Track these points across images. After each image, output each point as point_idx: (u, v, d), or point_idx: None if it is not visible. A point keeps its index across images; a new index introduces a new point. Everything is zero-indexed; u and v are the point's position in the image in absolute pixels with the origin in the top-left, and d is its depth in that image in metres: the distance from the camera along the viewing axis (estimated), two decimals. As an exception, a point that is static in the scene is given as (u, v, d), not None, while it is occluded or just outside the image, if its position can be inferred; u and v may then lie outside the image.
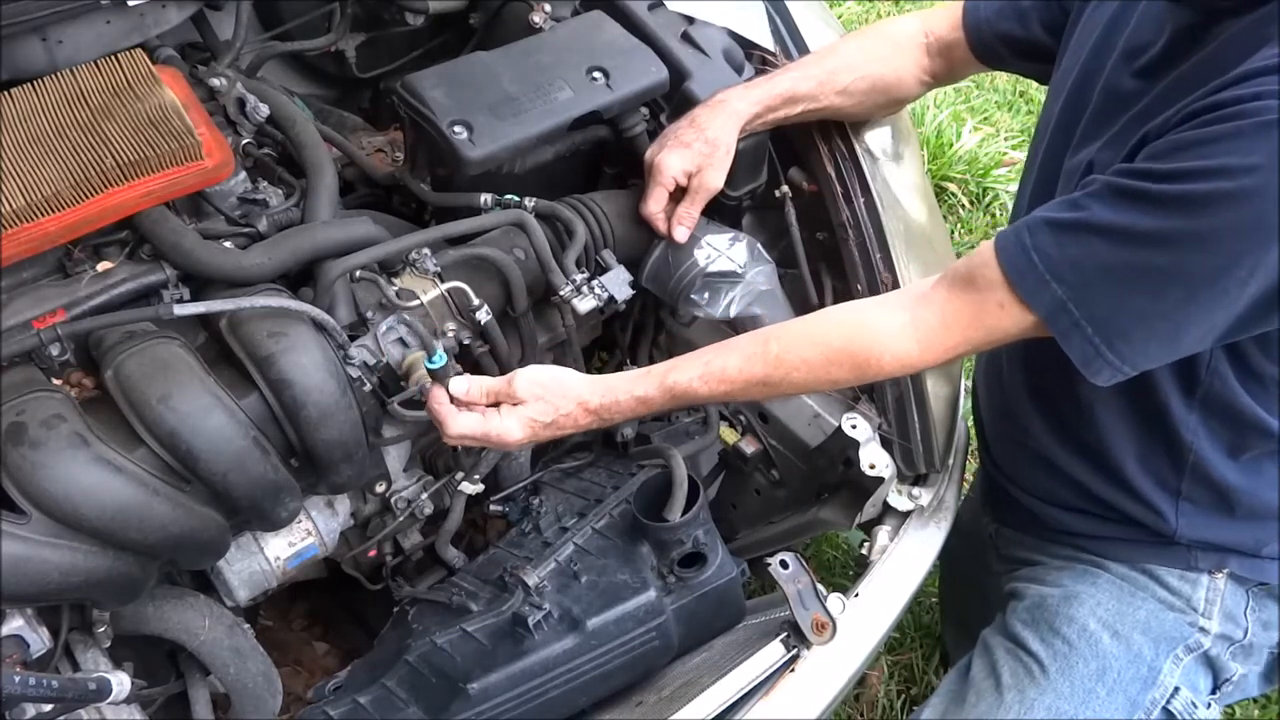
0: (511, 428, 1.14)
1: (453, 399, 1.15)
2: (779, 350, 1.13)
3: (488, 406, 1.16)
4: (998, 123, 3.42)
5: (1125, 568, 1.29)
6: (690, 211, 1.35)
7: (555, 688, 1.19)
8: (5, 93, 1.09)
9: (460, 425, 1.14)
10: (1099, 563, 1.31)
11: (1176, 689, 1.23)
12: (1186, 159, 0.94)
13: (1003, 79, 3.67)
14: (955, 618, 1.99)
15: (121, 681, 1.06)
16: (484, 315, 1.22)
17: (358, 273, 1.18)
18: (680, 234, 1.35)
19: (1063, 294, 1.00)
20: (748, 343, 1.16)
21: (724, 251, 1.40)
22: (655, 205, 1.35)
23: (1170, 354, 1.04)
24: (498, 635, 1.21)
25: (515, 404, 1.15)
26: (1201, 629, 1.25)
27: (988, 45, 1.41)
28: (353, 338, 1.15)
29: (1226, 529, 1.23)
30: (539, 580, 1.23)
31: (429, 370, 1.13)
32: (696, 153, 1.34)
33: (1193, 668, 1.24)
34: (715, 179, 1.35)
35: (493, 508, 1.47)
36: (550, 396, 1.14)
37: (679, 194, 1.37)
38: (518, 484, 1.47)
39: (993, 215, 3.10)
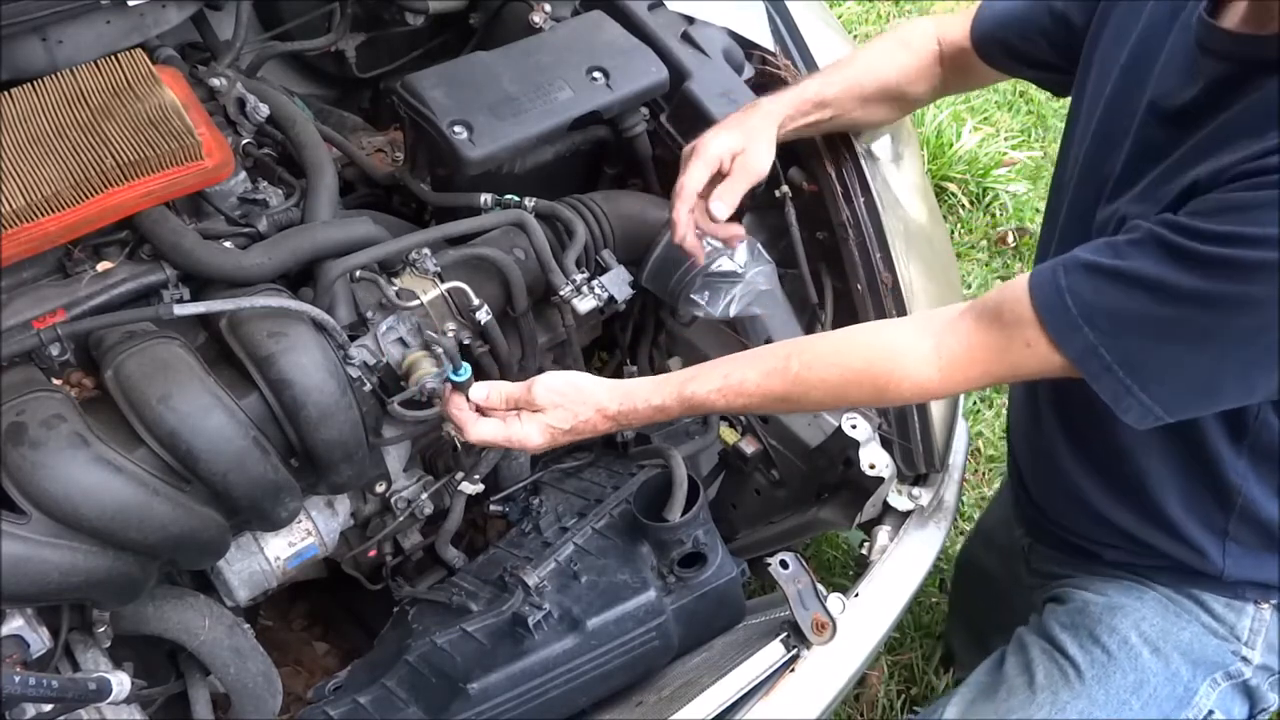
0: (531, 434, 1.14)
1: (474, 406, 1.15)
2: (799, 368, 1.12)
3: (507, 412, 1.16)
4: (998, 123, 3.42)
5: (1171, 590, 1.28)
6: (734, 189, 1.29)
7: (555, 688, 1.19)
8: (5, 93, 1.09)
9: (480, 431, 1.14)
10: (1145, 582, 1.30)
11: (1211, 712, 1.22)
12: (1236, 222, 0.92)
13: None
14: (966, 621, 1.99)
15: (121, 681, 1.06)
16: (484, 315, 1.22)
17: (358, 273, 1.18)
18: (719, 209, 1.29)
19: (1095, 339, 0.98)
20: (768, 357, 1.15)
21: (724, 251, 1.40)
22: (695, 181, 1.29)
23: (1208, 406, 1.03)
24: (498, 635, 1.21)
25: (535, 410, 1.15)
26: (1244, 658, 1.23)
27: (992, 54, 1.39)
28: (353, 338, 1.15)
29: (1274, 566, 1.22)
30: (539, 580, 1.23)
31: (453, 383, 1.13)
32: (743, 134, 1.32)
33: (1229, 694, 1.23)
34: (760, 162, 1.31)
35: (493, 508, 1.47)
36: (569, 404, 1.14)
37: (716, 181, 1.33)
38: (518, 484, 1.48)
39: (992, 215, 3.10)
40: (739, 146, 1.31)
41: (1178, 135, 1.05)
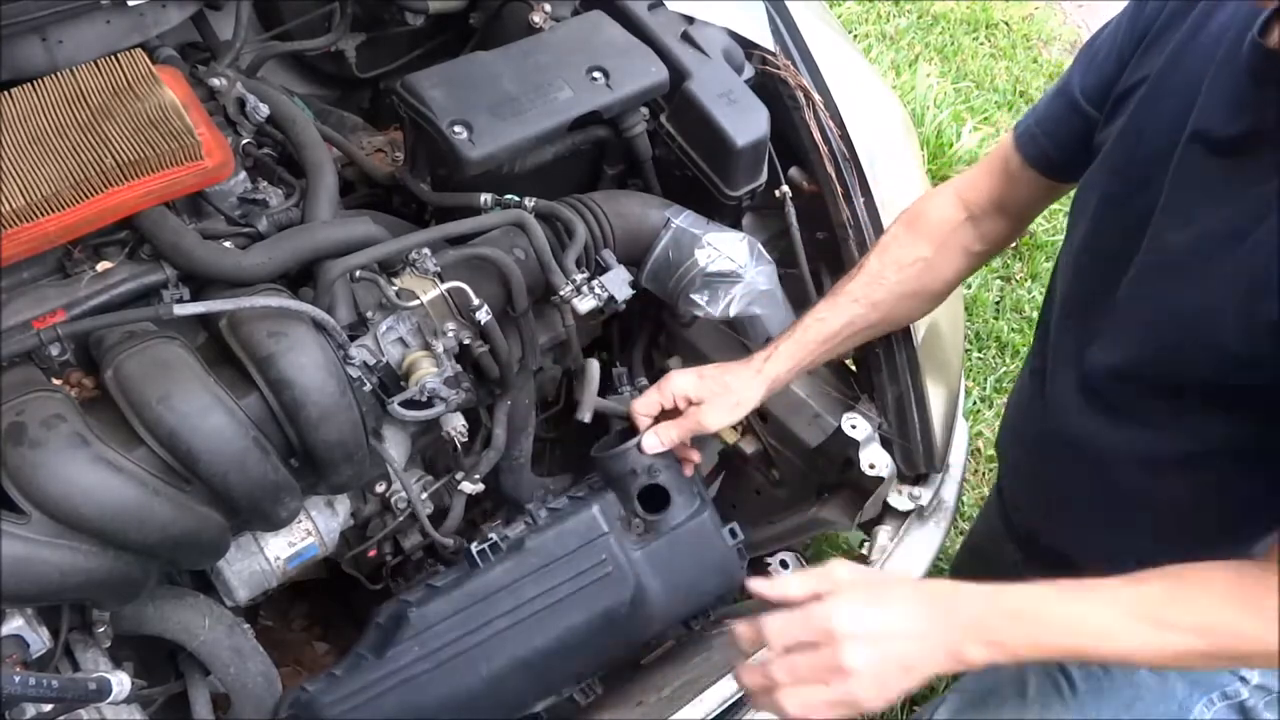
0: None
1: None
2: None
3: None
4: (998, 123, 3.42)
5: None
6: (669, 433, 1.25)
7: (502, 617, 1.16)
8: (5, 93, 1.09)
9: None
10: None
11: None
12: None
13: (1002, 78, 3.68)
14: None
15: (121, 681, 1.06)
16: (484, 315, 1.22)
17: (358, 273, 1.18)
18: (650, 443, 1.24)
19: None
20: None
21: (724, 251, 1.40)
22: (641, 405, 1.28)
23: None
24: (456, 581, 1.20)
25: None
26: (1241, 678, 1.22)
27: (1050, 159, 1.27)
28: (353, 338, 1.15)
29: None
30: (503, 534, 1.21)
31: None
32: (713, 388, 1.28)
33: (1225, 714, 1.22)
34: (713, 419, 1.26)
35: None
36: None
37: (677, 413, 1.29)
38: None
39: (993, 215, 3.10)
40: (699, 397, 1.27)
41: (1235, 168, 0.99)
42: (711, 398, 1.27)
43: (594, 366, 1.35)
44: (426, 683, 1.14)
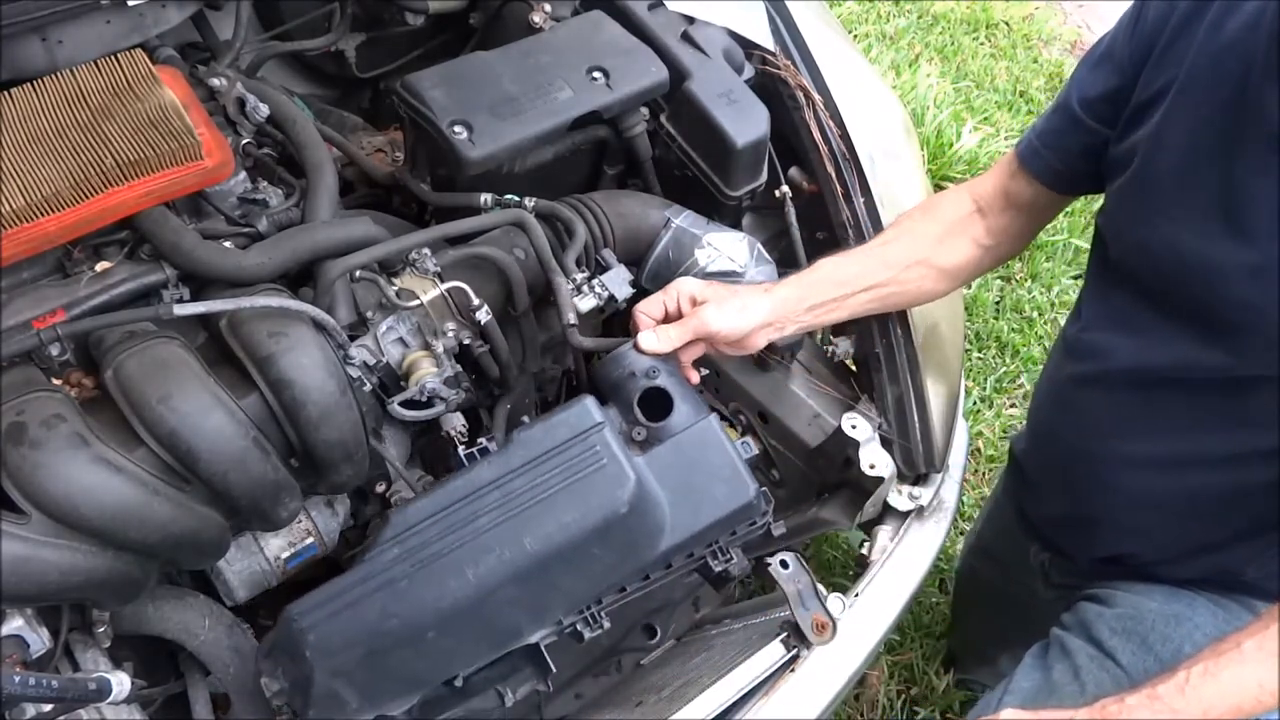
0: None
1: None
2: None
3: None
4: (998, 123, 3.42)
5: (1217, 594, 1.27)
6: (669, 332, 1.22)
7: (486, 515, 1.06)
8: (5, 93, 1.09)
9: None
10: (1189, 588, 1.29)
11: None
12: None
13: (1002, 78, 3.68)
14: (966, 631, 1.99)
15: (121, 681, 1.06)
16: (484, 315, 1.22)
17: (358, 273, 1.18)
18: (647, 340, 1.21)
19: None
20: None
21: (724, 251, 1.40)
22: (644, 306, 1.27)
23: None
24: (440, 483, 1.12)
25: None
26: None
27: (1056, 171, 1.30)
28: (353, 338, 1.15)
29: None
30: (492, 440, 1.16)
31: None
32: (713, 290, 1.27)
33: None
34: (715, 319, 1.23)
35: None
36: None
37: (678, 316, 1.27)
38: None
39: (993, 215, 3.10)
40: (704, 298, 1.25)
41: None
42: (717, 300, 1.25)
43: (562, 280, 1.28)
44: (407, 588, 1.03)
